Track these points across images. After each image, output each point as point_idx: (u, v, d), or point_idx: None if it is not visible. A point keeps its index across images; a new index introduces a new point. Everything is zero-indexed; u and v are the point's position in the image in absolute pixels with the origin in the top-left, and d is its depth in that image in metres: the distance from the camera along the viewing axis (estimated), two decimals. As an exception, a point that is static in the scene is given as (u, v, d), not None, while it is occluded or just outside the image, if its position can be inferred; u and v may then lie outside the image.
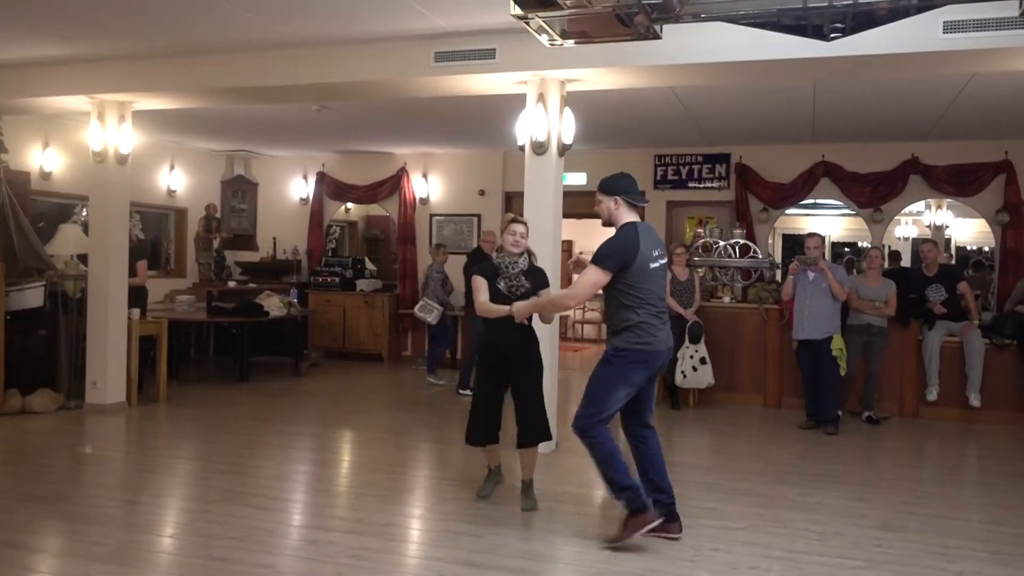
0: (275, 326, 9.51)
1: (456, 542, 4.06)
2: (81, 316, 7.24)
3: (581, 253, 10.93)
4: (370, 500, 4.76)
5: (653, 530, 3.91)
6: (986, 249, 11.77)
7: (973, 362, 7.22)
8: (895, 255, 11.03)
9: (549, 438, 4.62)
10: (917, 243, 11.63)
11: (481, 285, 4.44)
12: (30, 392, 6.99)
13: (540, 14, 3.36)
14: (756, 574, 3.71)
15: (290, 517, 4.57)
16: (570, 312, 11.76)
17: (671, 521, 4.04)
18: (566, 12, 3.33)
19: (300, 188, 11.73)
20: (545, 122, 5.87)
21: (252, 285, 10.71)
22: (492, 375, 4.56)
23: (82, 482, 5.19)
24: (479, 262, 5.92)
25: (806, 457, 6.11)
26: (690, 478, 5.55)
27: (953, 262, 10.66)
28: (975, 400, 7.21)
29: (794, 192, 9.70)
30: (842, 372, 6.99)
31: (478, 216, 10.87)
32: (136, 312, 7.45)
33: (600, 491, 5.02)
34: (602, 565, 3.75)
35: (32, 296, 7.22)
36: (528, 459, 4.61)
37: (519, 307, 4.27)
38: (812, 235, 7.27)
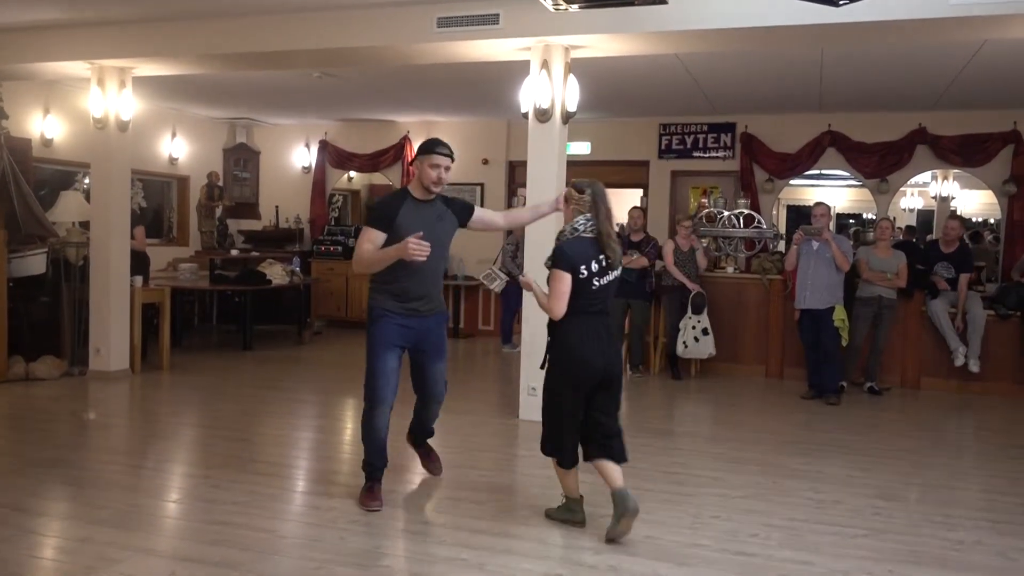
0: (278, 294, 9.52)
1: (458, 508, 4.08)
2: (84, 283, 7.24)
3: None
4: (372, 467, 4.77)
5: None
6: (992, 221, 11.71)
7: (974, 328, 7.21)
8: (911, 230, 10.98)
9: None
10: (925, 214, 11.58)
11: None
12: (34, 358, 7.01)
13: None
14: (756, 542, 3.72)
15: (292, 483, 4.60)
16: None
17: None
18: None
19: (302, 156, 11.67)
20: (549, 89, 5.80)
21: (255, 253, 10.68)
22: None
23: (86, 447, 5.22)
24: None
25: (807, 427, 6.13)
26: (691, 447, 5.58)
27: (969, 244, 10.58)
28: (974, 366, 7.19)
29: (800, 162, 9.62)
30: (843, 343, 6.99)
31: (481, 185, 10.81)
32: (139, 280, 7.46)
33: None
34: (603, 531, 3.76)
35: (34, 263, 7.22)
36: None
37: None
38: (819, 204, 7.25)
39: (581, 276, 3.52)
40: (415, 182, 3.94)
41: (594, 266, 3.55)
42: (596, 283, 3.57)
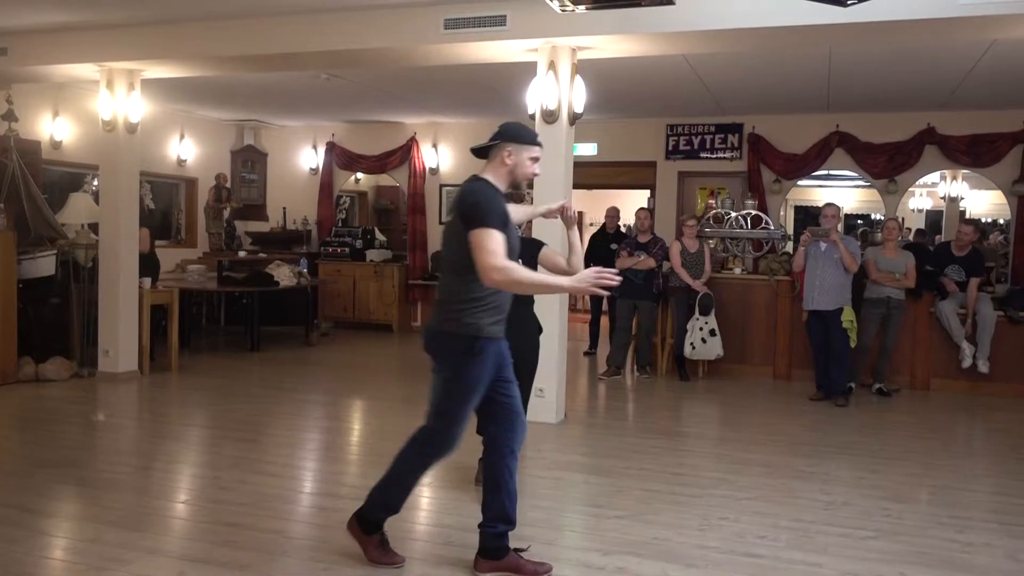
0: (285, 296, 9.54)
1: (464, 509, 4.07)
2: (93, 285, 7.27)
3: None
4: (379, 468, 4.68)
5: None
6: (1001, 221, 11.65)
7: (984, 329, 7.17)
8: (921, 233, 10.93)
9: None
10: (934, 215, 11.51)
11: None
12: (43, 359, 7.04)
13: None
14: (764, 543, 3.71)
15: (300, 484, 4.61)
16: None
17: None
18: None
19: (310, 158, 11.69)
20: (556, 90, 5.80)
21: (262, 255, 10.71)
22: None
23: (95, 448, 5.24)
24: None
25: (816, 429, 6.11)
26: (699, 449, 5.57)
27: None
28: (984, 367, 7.16)
29: (807, 162, 9.59)
30: (852, 344, 6.96)
31: (488, 186, 10.79)
32: (147, 281, 7.48)
33: (608, 459, 5.05)
34: (611, 533, 3.77)
35: (44, 265, 7.26)
36: None
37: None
38: (829, 204, 7.22)
39: None
40: (501, 174, 3.18)
41: None
42: None
